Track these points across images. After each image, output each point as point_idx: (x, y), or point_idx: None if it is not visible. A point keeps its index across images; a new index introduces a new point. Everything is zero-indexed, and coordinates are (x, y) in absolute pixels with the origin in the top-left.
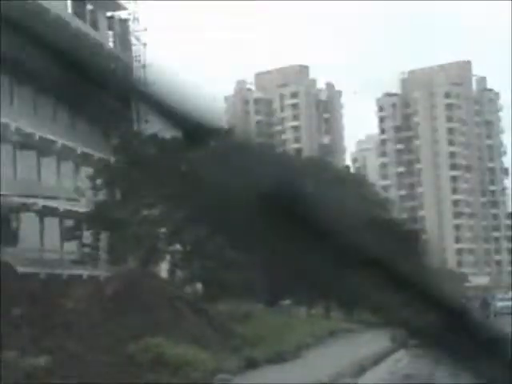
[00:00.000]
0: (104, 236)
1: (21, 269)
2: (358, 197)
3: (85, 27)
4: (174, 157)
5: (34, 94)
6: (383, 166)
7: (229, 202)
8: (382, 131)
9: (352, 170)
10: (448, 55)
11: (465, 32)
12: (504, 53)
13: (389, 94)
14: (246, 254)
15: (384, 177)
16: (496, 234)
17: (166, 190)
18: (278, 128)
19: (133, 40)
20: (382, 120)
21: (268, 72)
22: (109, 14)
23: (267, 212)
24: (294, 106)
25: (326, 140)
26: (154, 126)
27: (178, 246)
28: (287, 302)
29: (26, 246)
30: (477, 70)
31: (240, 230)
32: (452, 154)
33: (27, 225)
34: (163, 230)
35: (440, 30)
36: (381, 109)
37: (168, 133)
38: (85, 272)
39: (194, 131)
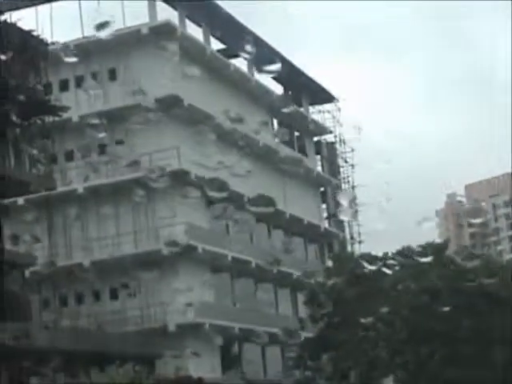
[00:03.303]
0: (325, 358)
1: None
2: None
3: (293, 154)
4: (387, 275)
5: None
6: None
7: (453, 323)
8: None
9: None
10: None
11: None
12: None
13: None
14: (472, 372)
15: None
16: None
17: (383, 312)
18: (494, 239)
19: (340, 162)
20: None
21: (478, 183)
22: (316, 138)
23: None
24: (508, 215)
25: None
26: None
27: (400, 365)
28: None
29: (250, 374)
30: None
31: (464, 348)
32: None
33: (249, 353)
34: (385, 349)
35: None
36: None
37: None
38: None
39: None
